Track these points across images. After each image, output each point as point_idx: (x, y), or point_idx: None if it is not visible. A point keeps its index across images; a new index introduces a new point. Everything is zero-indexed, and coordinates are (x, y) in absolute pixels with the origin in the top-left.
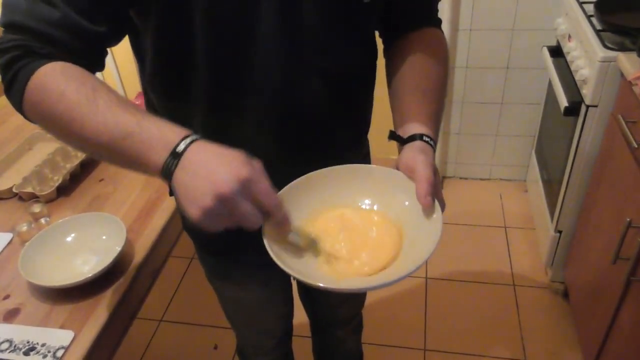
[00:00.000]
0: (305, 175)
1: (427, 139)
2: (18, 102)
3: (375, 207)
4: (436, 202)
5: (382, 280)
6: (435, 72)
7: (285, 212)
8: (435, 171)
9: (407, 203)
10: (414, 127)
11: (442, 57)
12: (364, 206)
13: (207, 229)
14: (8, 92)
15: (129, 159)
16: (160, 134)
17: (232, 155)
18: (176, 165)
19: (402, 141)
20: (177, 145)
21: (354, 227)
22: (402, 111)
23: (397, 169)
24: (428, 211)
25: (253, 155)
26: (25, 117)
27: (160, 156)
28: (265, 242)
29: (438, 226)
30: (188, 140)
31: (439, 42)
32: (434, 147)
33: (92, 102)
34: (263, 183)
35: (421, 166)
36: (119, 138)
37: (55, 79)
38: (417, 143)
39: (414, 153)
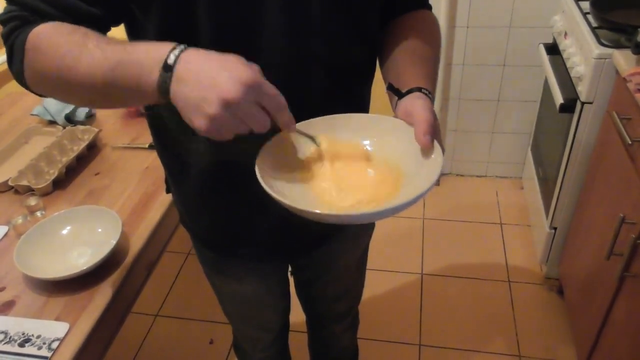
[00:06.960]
0: (301, 122)
1: (425, 91)
2: (20, 71)
3: (373, 150)
4: (436, 144)
5: (376, 208)
6: (429, 43)
7: (290, 114)
8: (434, 116)
9: (405, 144)
10: (413, 83)
11: (435, 32)
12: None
13: (216, 138)
14: (10, 64)
15: (126, 87)
16: (147, 53)
17: (230, 60)
18: (170, 79)
19: (401, 95)
20: (167, 57)
21: (351, 167)
22: (399, 72)
23: (395, 117)
24: (427, 152)
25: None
26: (28, 87)
27: (152, 74)
28: (258, 174)
29: (437, 164)
30: (177, 51)
31: (431, 21)
32: (432, 101)
33: (83, 46)
34: (266, 85)
35: (420, 109)
36: (109, 70)
37: (47, 35)
38: (416, 93)
39: (413, 99)
